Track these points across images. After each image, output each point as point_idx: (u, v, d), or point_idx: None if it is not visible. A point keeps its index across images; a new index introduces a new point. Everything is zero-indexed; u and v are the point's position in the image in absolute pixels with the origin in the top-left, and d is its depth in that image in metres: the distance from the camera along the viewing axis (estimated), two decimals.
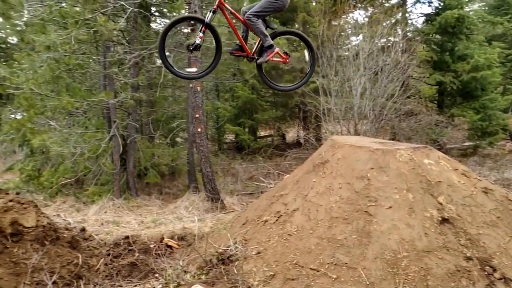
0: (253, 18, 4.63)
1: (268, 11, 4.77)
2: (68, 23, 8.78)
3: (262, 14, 4.72)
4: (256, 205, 6.68)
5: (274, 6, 4.72)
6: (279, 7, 4.77)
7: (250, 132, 15.79)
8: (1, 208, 4.78)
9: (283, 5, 4.81)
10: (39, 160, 11.30)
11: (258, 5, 4.71)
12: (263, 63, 4.89)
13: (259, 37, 4.81)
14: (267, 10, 4.73)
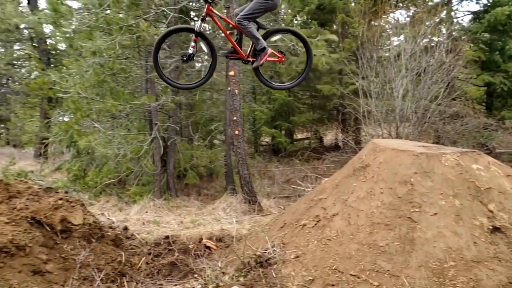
0: (244, 22, 4.57)
1: (258, 13, 4.69)
2: (113, 29, 9.14)
3: (252, 17, 4.64)
4: (294, 209, 6.64)
5: (265, 6, 4.65)
6: (269, 7, 4.70)
7: (286, 134, 15.73)
8: (52, 206, 5.04)
9: (273, 5, 4.73)
10: (84, 161, 11.80)
11: (248, 8, 4.65)
12: (259, 66, 4.83)
13: (252, 40, 4.76)
14: (257, 12, 4.65)
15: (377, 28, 10.39)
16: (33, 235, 4.40)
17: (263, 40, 4.64)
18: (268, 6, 4.67)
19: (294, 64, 12.39)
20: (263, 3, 4.59)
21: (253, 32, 4.63)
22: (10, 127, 23.87)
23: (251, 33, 4.64)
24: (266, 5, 4.62)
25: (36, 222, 4.67)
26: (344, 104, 11.86)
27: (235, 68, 8.90)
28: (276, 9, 4.96)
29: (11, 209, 4.69)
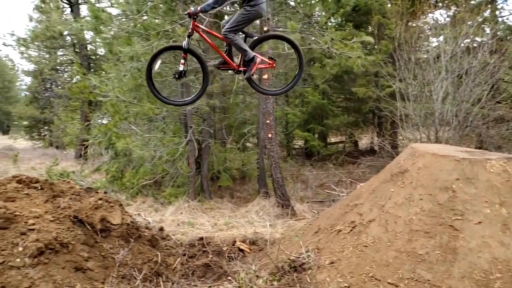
0: (230, 35, 4.59)
1: (242, 24, 4.69)
2: (150, 34, 9.39)
3: (237, 28, 4.66)
4: (328, 214, 6.54)
5: (248, 17, 4.65)
6: (253, 16, 4.72)
7: (320, 138, 15.53)
8: (93, 205, 5.22)
9: (257, 14, 4.73)
10: (122, 162, 12.15)
11: (232, 20, 4.65)
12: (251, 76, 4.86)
13: (240, 52, 4.76)
14: (241, 23, 4.66)
15: (415, 29, 10.06)
16: (75, 233, 4.57)
17: (250, 51, 4.67)
18: (252, 16, 4.69)
19: (328, 66, 12.29)
20: (246, 14, 4.60)
21: (240, 44, 4.66)
22: (53, 129, 25.05)
23: (238, 45, 4.67)
24: (249, 15, 4.64)
25: (78, 221, 4.85)
26: (380, 107, 11.57)
27: (268, 72, 8.90)
28: (262, 17, 4.98)
29: (56, 207, 4.90)
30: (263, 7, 4.69)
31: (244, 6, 4.63)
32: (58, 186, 5.65)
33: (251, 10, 4.59)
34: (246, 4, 4.61)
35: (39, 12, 23.12)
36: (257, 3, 4.61)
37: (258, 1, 4.61)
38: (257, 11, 4.63)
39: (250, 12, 4.59)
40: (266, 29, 8.60)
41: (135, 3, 10.13)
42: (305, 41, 9.69)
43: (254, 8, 4.61)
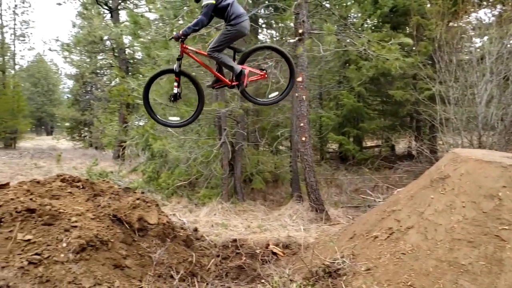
0: (214, 54, 4.74)
1: (225, 43, 4.83)
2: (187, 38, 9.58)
3: (220, 48, 4.80)
4: (364, 219, 6.39)
5: (230, 36, 4.78)
6: (235, 36, 4.83)
7: (355, 142, 15.22)
8: (131, 205, 5.36)
9: (240, 33, 4.86)
10: (158, 163, 12.44)
11: (215, 40, 4.81)
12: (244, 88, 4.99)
13: (227, 69, 4.91)
14: (224, 43, 4.80)
15: (457, 30, 9.67)
16: (115, 231, 4.71)
17: (237, 65, 4.81)
18: (233, 35, 4.82)
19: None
20: (227, 34, 4.75)
21: (225, 61, 4.81)
22: (93, 131, 26.08)
23: (224, 62, 4.83)
24: (231, 35, 4.77)
25: (117, 220, 5.00)
26: (419, 110, 11.20)
27: (303, 74, 8.84)
28: (245, 35, 5.06)
29: (96, 206, 5.08)
30: (244, 26, 4.82)
31: (226, 26, 4.79)
32: (99, 185, 5.85)
33: (231, 29, 4.73)
34: (228, 24, 4.77)
35: (82, 19, 24.22)
36: (238, 22, 4.73)
37: (239, 21, 4.73)
38: (238, 30, 4.76)
39: (231, 31, 4.74)
40: (301, 31, 8.56)
41: (172, 8, 10.38)
42: (341, 43, 9.56)
43: (235, 28, 4.74)
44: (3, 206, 4.01)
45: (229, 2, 4.76)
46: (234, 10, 4.73)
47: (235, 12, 4.71)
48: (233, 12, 4.70)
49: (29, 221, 4.03)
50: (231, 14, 4.69)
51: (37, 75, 45.18)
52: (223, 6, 4.72)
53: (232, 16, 4.70)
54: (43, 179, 5.40)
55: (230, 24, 4.74)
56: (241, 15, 4.77)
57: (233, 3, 4.80)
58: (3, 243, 3.64)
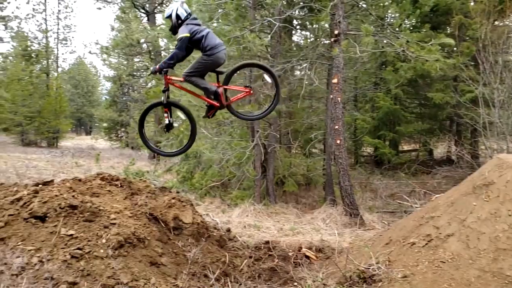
0: (187, 78, 4.91)
1: (200, 70, 4.97)
2: (222, 41, 9.67)
3: (195, 73, 4.93)
4: (401, 225, 6.20)
5: (205, 65, 4.94)
6: (211, 65, 4.97)
7: (391, 145, 14.79)
8: (166, 204, 5.48)
9: (215, 63, 4.98)
10: (192, 164, 12.64)
11: (191, 65, 4.96)
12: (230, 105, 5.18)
13: (201, 90, 5.05)
14: (199, 69, 4.95)
15: (503, 29, 9.21)
16: (151, 229, 4.82)
17: (211, 86, 4.96)
18: (209, 64, 4.96)
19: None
20: (203, 62, 4.91)
21: (199, 83, 4.97)
22: (129, 131, 26.88)
23: (198, 85, 4.99)
24: (206, 63, 4.93)
25: (153, 218, 5.12)
26: (460, 113, 10.74)
27: (338, 75, 8.71)
28: (222, 64, 5.14)
29: (133, 204, 5.22)
30: (220, 56, 4.95)
31: (203, 54, 4.94)
32: (136, 184, 6.01)
33: (208, 59, 4.90)
34: (204, 53, 4.92)
35: (120, 22, 25.06)
36: (213, 53, 4.88)
37: (214, 51, 4.88)
38: (214, 60, 4.92)
39: (207, 61, 4.91)
40: (337, 32, 8.44)
41: (208, 11, 10.53)
42: (378, 44, 9.34)
43: (211, 58, 4.90)
44: (48, 202, 4.20)
45: (203, 34, 4.89)
46: (209, 42, 4.87)
47: (210, 44, 4.85)
48: (208, 44, 4.85)
49: (71, 217, 4.19)
50: (206, 45, 4.84)
51: (77, 77, 47.24)
52: (198, 38, 4.87)
53: (207, 47, 4.84)
54: (84, 177, 5.62)
55: (207, 54, 4.89)
56: (216, 46, 4.91)
57: (208, 35, 4.95)
58: (48, 237, 3.81)
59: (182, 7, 5.09)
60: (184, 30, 4.85)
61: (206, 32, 4.92)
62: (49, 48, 32.78)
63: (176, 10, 5.06)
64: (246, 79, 10.20)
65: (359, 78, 15.10)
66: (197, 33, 4.86)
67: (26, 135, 28.34)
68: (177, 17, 5.03)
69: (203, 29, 4.95)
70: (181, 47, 4.84)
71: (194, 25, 4.96)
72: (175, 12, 5.05)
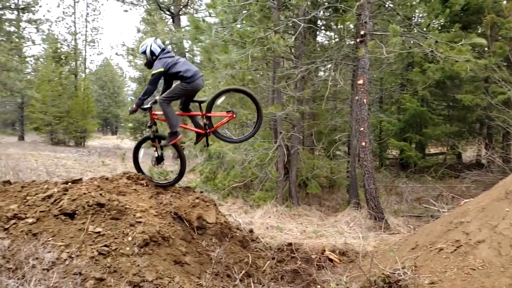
0: (164, 104, 5.18)
1: (177, 97, 5.26)
2: (246, 42, 9.70)
3: (172, 99, 5.23)
4: (428, 230, 6.04)
5: (184, 92, 5.21)
6: (189, 92, 5.26)
7: (417, 148, 14.44)
8: (190, 204, 5.52)
9: (193, 90, 5.28)
10: (215, 164, 12.73)
11: (169, 90, 5.23)
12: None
13: (167, 121, 5.30)
14: (176, 96, 5.24)
15: None
16: (175, 228, 4.87)
17: (176, 126, 5.24)
18: (187, 91, 5.23)
19: None
20: (181, 89, 5.17)
21: (170, 115, 5.23)
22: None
23: (167, 115, 5.22)
24: (185, 91, 5.20)
25: (178, 217, 5.16)
26: (491, 116, 10.37)
27: (364, 77, 8.58)
28: (199, 90, 5.47)
29: (158, 203, 5.28)
30: (198, 83, 5.24)
31: (182, 82, 5.19)
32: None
33: (187, 86, 5.16)
34: (183, 81, 5.17)
35: (146, 24, 25.54)
36: (192, 81, 5.14)
37: (193, 80, 5.15)
38: (192, 87, 5.21)
39: (186, 88, 5.18)
40: (363, 32, 8.32)
41: (232, 12, 10.58)
42: (405, 45, 9.15)
43: (190, 85, 5.16)
44: (77, 200, 4.30)
45: (179, 70, 5.16)
46: (186, 73, 5.14)
47: (187, 75, 5.13)
48: (186, 73, 5.14)
49: (99, 214, 4.27)
50: (184, 74, 5.13)
51: (104, 78, 48.45)
52: (173, 73, 5.16)
53: (185, 77, 5.13)
54: (111, 176, 5.72)
55: (186, 82, 5.15)
56: (194, 75, 5.17)
57: (184, 65, 5.24)
58: (76, 233, 3.90)
59: (155, 43, 5.37)
60: (158, 65, 5.11)
61: (182, 62, 5.23)
62: (78, 50, 33.79)
63: (150, 46, 5.33)
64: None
65: (384, 79, 14.83)
66: (171, 67, 5.15)
67: (55, 134, 29.28)
68: (151, 53, 5.32)
69: (177, 61, 5.24)
70: (154, 82, 5.14)
71: (168, 57, 5.22)
72: (149, 48, 5.32)
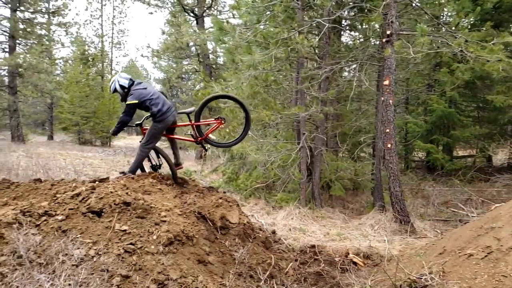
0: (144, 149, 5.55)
1: (155, 138, 5.57)
2: (270, 43, 9.68)
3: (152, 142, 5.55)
4: (456, 235, 5.84)
5: (159, 131, 5.52)
6: (163, 129, 5.56)
7: (445, 150, 14.03)
8: (214, 204, 5.54)
9: (164, 126, 5.54)
10: (237, 165, 12.78)
11: (146, 135, 5.51)
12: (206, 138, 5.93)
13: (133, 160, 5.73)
14: (154, 137, 5.54)
15: None
16: (199, 228, 4.89)
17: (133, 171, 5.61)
18: (162, 129, 5.54)
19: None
20: (156, 129, 5.48)
21: (138, 158, 5.62)
22: (177, 132, 27.68)
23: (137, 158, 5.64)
24: (160, 129, 5.51)
25: (202, 217, 5.19)
26: None
27: (390, 77, 8.40)
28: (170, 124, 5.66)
29: (183, 203, 5.33)
30: (171, 119, 5.52)
31: (154, 122, 5.45)
32: (185, 183, 6.15)
33: (159, 125, 5.45)
34: (155, 121, 5.43)
35: (170, 26, 25.93)
36: (163, 119, 5.42)
37: (164, 117, 5.42)
38: (165, 124, 5.49)
39: (159, 127, 5.47)
40: (390, 32, 8.16)
41: (256, 13, 10.59)
42: (433, 44, 8.91)
43: (162, 123, 5.44)
44: (104, 198, 4.39)
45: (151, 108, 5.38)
46: (158, 113, 5.38)
47: (159, 111, 5.37)
48: (157, 111, 5.36)
49: (125, 213, 4.34)
50: (155, 113, 5.35)
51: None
52: (146, 106, 5.37)
53: (157, 115, 5.36)
54: (137, 176, 5.82)
55: (157, 121, 5.41)
56: (166, 111, 5.42)
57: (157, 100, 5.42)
58: (103, 231, 3.98)
59: (121, 77, 5.57)
60: (133, 97, 5.33)
61: (155, 98, 5.41)
62: (104, 52, 34.66)
63: (118, 82, 5.53)
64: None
65: (411, 80, 14.49)
66: (146, 100, 5.37)
67: (82, 134, 30.10)
68: (121, 87, 5.51)
69: (151, 96, 5.42)
70: (128, 113, 5.41)
71: (142, 89, 5.43)
72: (117, 84, 5.53)
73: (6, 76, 25.56)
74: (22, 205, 4.17)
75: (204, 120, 5.97)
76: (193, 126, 5.84)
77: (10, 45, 24.91)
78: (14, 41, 25.13)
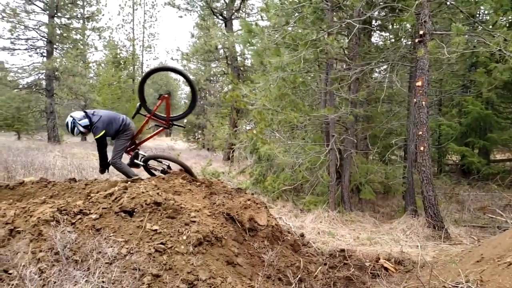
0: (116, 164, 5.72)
1: (123, 149, 5.79)
2: (299, 44, 9.61)
3: (121, 154, 5.78)
4: (495, 242, 5.58)
5: (125, 143, 5.79)
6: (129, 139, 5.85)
7: (481, 154, 13.47)
8: (242, 205, 5.54)
9: (131, 135, 5.87)
10: (264, 166, 12.75)
11: (113, 150, 5.72)
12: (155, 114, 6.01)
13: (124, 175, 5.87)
14: (122, 149, 5.76)
15: None
16: (228, 229, 4.91)
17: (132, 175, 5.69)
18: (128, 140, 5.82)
19: None
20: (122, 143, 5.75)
21: (124, 170, 5.79)
22: (205, 133, 28.05)
23: (123, 171, 5.82)
24: (125, 143, 5.78)
25: (230, 218, 5.20)
26: None
27: (423, 78, 8.16)
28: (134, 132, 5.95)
29: (212, 204, 5.36)
30: (133, 127, 5.91)
31: (120, 137, 5.74)
32: (214, 184, 6.19)
33: (125, 137, 5.75)
34: (121, 135, 5.74)
35: (199, 29, 26.32)
36: (125, 129, 5.76)
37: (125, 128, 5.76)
38: (128, 135, 5.79)
39: (125, 139, 5.77)
40: (423, 32, 7.92)
41: (284, 15, 10.56)
42: (468, 44, 8.59)
43: (125, 134, 5.75)
44: (136, 198, 4.48)
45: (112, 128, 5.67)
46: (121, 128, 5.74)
47: (122, 129, 5.73)
48: (120, 130, 5.72)
49: (156, 213, 4.41)
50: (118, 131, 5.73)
51: (159, 82, 50.56)
52: (111, 134, 5.72)
53: (120, 132, 5.72)
54: (167, 176, 5.91)
55: (125, 134, 5.76)
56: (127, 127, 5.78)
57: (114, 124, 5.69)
58: (135, 230, 4.05)
59: (76, 117, 5.60)
60: (100, 129, 5.55)
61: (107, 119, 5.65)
62: (135, 55, 35.59)
63: (79, 125, 5.58)
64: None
65: (444, 81, 14.02)
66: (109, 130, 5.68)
67: None
68: (85, 127, 5.62)
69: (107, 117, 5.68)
70: (102, 144, 5.72)
71: (99, 120, 5.59)
72: (80, 126, 5.61)
73: (44, 79, 26.71)
74: (58, 204, 4.32)
75: (155, 106, 6.03)
76: (151, 118, 5.96)
77: (48, 50, 26.05)
78: (52, 46, 26.27)
